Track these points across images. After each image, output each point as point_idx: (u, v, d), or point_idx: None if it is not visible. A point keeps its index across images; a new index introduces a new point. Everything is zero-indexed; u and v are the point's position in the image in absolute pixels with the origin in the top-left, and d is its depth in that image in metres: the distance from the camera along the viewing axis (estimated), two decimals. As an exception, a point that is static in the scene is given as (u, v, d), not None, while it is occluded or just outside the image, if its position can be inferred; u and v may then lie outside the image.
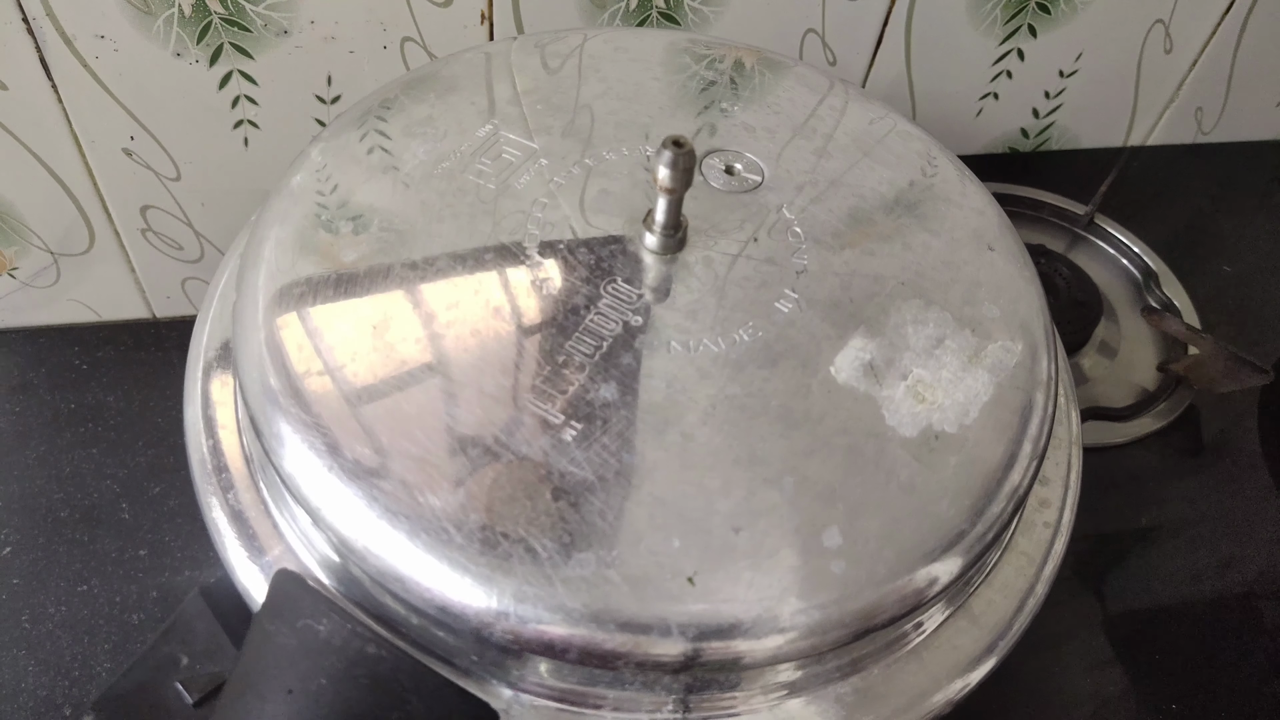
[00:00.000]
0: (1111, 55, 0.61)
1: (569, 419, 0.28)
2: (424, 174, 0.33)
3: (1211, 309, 0.59)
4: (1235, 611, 0.48)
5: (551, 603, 0.25)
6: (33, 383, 0.51)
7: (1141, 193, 0.66)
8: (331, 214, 0.32)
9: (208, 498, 0.32)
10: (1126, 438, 0.53)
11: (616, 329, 0.30)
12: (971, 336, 0.31)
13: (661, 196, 0.31)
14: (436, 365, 0.29)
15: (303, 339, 0.29)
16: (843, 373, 0.30)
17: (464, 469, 0.27)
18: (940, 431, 0.29)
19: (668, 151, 0.29)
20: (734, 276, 0.32)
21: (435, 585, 0.25)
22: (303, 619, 0.26)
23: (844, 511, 0.27)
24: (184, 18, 0.43)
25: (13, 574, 0.45)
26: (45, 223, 0.49)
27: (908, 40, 0.56)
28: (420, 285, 0.30)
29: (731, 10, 0.51)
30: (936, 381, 0.30)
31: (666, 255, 0.32)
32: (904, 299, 0.32)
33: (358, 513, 0.26)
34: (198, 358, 0.35)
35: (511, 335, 0.30)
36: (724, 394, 0.29)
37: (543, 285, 0.31)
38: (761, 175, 0.35)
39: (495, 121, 0.35)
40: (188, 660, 0.32)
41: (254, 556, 0.31)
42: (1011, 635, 0.32)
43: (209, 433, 0.33)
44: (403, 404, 0.28)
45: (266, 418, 0.28)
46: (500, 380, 0.28)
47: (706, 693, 0.28)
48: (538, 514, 0.26)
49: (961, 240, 0.34)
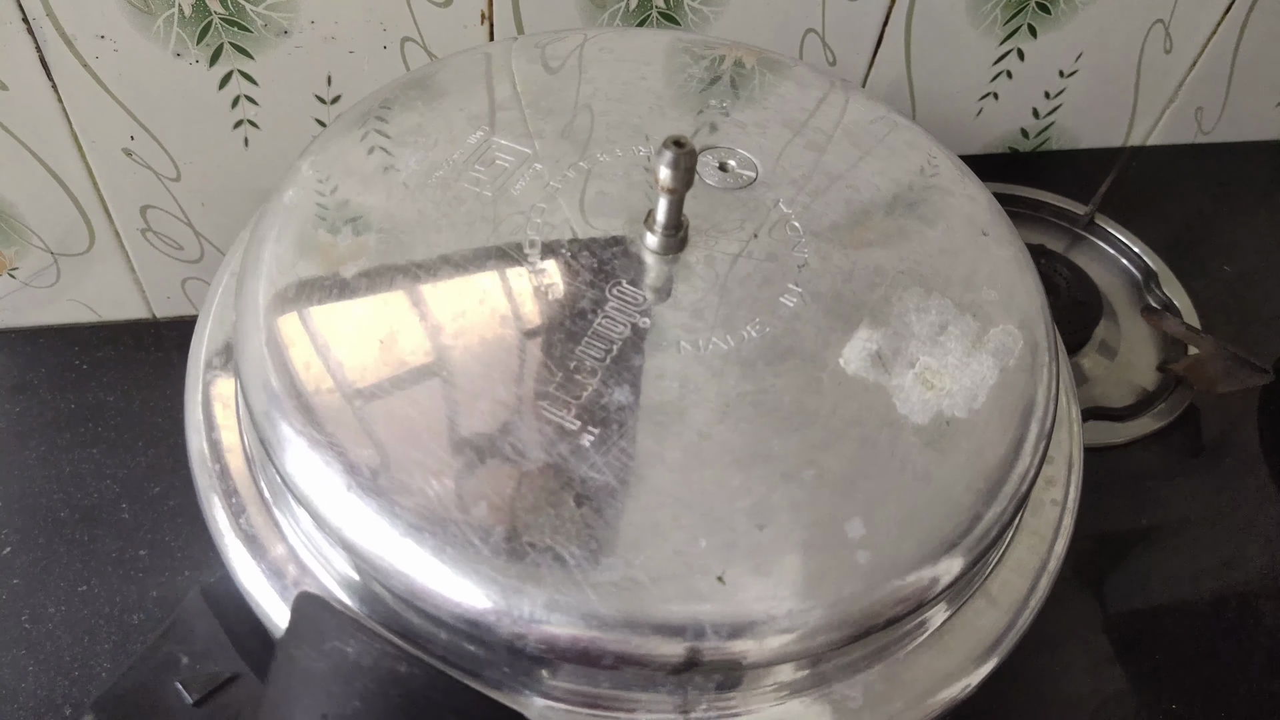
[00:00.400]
0: (1111, 55, 0.61)
1: (585, 424, 0.28)
2: (419, 182, 0.33)
3: (1211, 309, 0.59)
4: (1235, 611, 0.48)
5: (584, 610, 0.25)
6: (33, 383, 0.51)
7: (1141, 193, 0.66)
8: (331, 222, 0.32)
9: (209, 495, 0.32)
10: (1126, 438, 0.53)
11: (625, 331, 0.30)
12: (973, 321, 0.32)
13: (663, 197, 0.31)
14: (448, 375, 0.28)
15: (310, 354, 0.29)
16: (851, 364, 0.30)
17: (484, 480, 0.27)
18: (951, 418, 0.29)
19: (669, 151, 0.29)
20: (737, 274, 0.32)
21: (465, 599, 0.25)
22: (329, 641, 0.25)
23: (864, 502, 0.27)
24: (184, 18, 0.43)
25: (13, 574, 0.45)
26: (45, 223, 0.49)
27: (908, 40, 0.56)
28: (425, 294, 0.30)
29: (731, 10, 0.51)
30: (943, 368, 0.30)
31: (669, 255, 0.32)
32: (905, 288, 0.32)
33: (380, 531, 0.26)
34: (199, 356, 0.35)
35: (521, 342, 0.29)
36: (737, 391, 0.29)
37: (548, 291, 0.31)
38: (756, 171, 0.35)
39: (487, 127, 0.35)
40: (188, 660, 0.32)
41: (256, 556, 0.30)
42: (1029, 613, 0.32)
43: (209, 432, 0.33)
44: (416, 416, 0.28)
45: (271, 425, 0.28)
46: (513, 389, 0.28)
47: (736, 690, 0.28)
48: (563, 521, 0.26)
49: (956, 227, 0.34)
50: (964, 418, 0.29)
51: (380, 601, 0.28)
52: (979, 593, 0.32)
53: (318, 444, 0.27)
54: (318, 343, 0.29)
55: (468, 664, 0.27)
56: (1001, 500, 0.29)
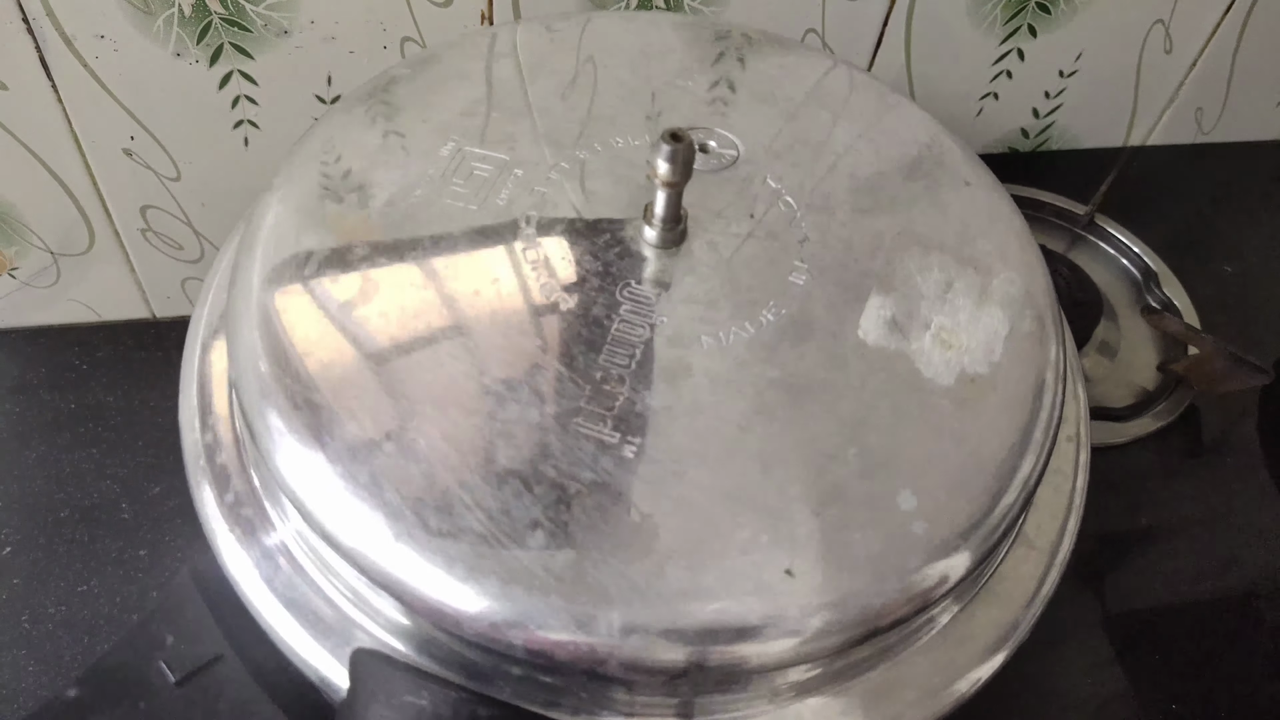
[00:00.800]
0: (1111, 55, 0.61)
1: (625, 435, 0.27)
2: (398, 204, 0.32)
3: (1211, 309, 0.59)
4: (1235, 611, 0.48)
5: (662, 626, 0.25)
6: (33, 383, 0.51)
7: (1141, 193, 0.66)
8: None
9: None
10: (1126, 438, 0.53)
11: (645, 333, 0.30)
12: (975, 275, 0.32)
13: (661, 191, 0.30)
14: (477, 408, 0.27)
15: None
16: (870, 334, 0.30)
17: (534, 507, 0.26)
18: (975, 375, 0.30)
19: (666, 145, 0.28)
20: (742, 258, 0.32)
21: (540, 633, 0.25)
22: (400, 696, 0.25)
23: (910, 473, 0.28)
24: (184, 18, 0.43)
25: (13, 574, 0.45)
26: (45, 223, 0.49)
27: (908, 40, 0.56)
28: (433, 323, 0.29)
29: (731, 10, 0.51)
30: (957, 325, 0.31)
31: (671, 249, 0.32)
32: (904, 249, 0.33)
33: (437, 580, 0.25)
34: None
35: (543, 359, 0.29)
36: (766, 378, 0.29)
37: (558, 302, 0.30)
38: (737, 150, 0.35)
39: (456, 138, 0.34)
40: (173, 640, 0.32)
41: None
42: (1063, 554, 0.33)
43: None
44: (451, 453, 0.27)
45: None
46: (545, 409, 0.28)
47: (831, 670, 0.28)
48: (623, 538, 0.25)
49: (940, 180, 0.35)
50: (986, 372, 0.30)
51: (438, 644, 0.27)
52: (1019, 540, 0.32)
53: (373, 505, 0.26)
54: (339, 403, 0.28)
55: (542, 695, 0.27)
56: (1034, 449, 0.29)
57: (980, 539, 0.27)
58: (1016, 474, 0.29)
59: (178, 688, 0.31)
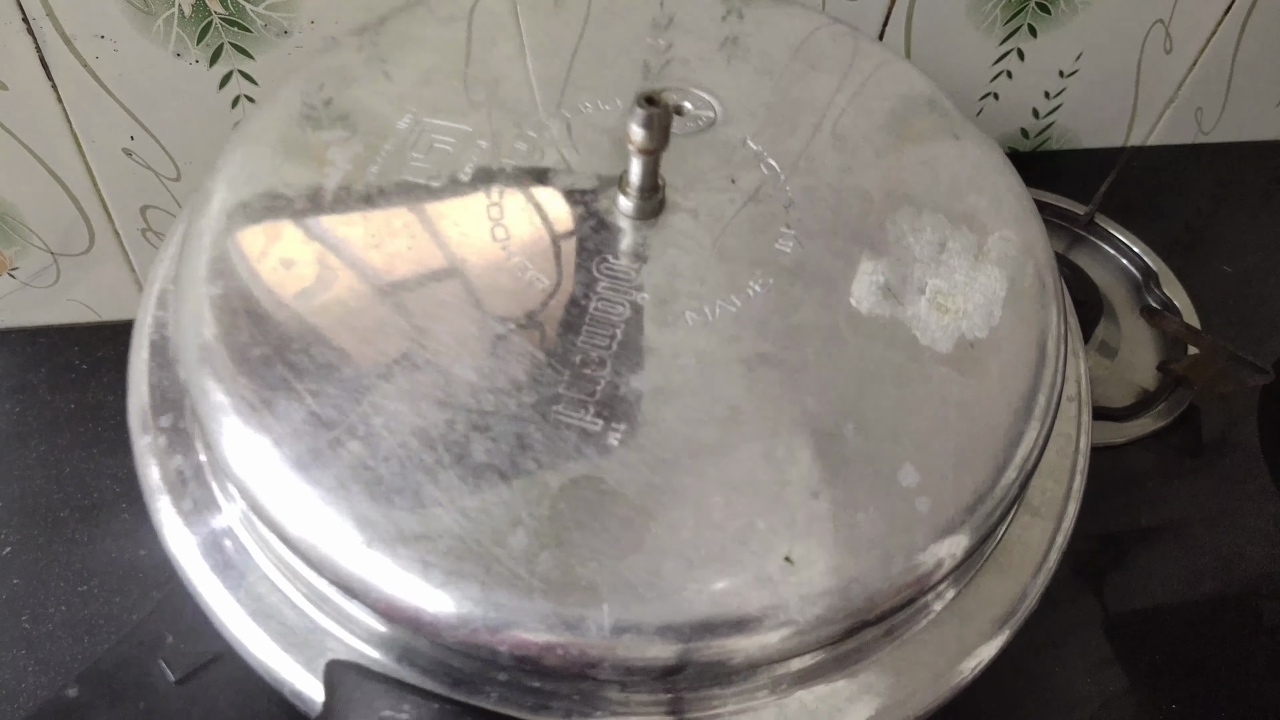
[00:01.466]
0: (1111, 55, 0.61)
1: (608, 422, 0.26)
2: (353, 184, 0.30)
3: (1211, 309, 0.59)
4: (1235, 611, 0.48)
5: (658, 624, 0.23)
6: (33, 383, 0.51)
7: (1141, 193, 0.66)
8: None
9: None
10: (1126, 438, 0.53)
11: (625, 312, 0.28)
12: (969, 233, 0.30)
13: (636, 159, 0.28)
14: (448, 400, 0.26)
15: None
16: (864, 302, 0.29)
17: (516, 505, 0.24)
18: (974, 339, 0.28)
19: (641, 110, 0.26)
20: (725, 226, 0.30)
21: (527, 638, 0.23)
22: (379, 711, 0.24)
23: (911, 447, 0.26)
24: (184, 18, 0.43)
25: (13, 574, 0.45)
26: (45, 223, 0.49)
27: (908, 40, 0.56)
28: (400, 307, 0.27)
29: None
30: (953, 288, 0.29)
31: (649, 220, 0.30)
32: (895, 209, 0.31)
33: (416, 589, 0.23)
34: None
35: (518, 344, 0.27)
36: (756, 354, 0.27)
37: (532, 282, 0.28)
38: (714, 111, 0.33)
39: (413, 110, 0.32)
40: (173, 638, 0.32)
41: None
42: (1068, 520, 0.31)
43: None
44: (423, 449, 0.25)
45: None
46: (522, 397, 0.26)
47: (834, 655, 0.27)
48: (611, 532, 0.24)
49: (927, 134, 0.33)
50: (985, 337, 0.28)
51: (418, 652, 0.26)
52: (1024, 508, 0.31)
53: (343, 512, 0.24)
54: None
55: (530, 701, 0.26)
56: (1038, 415, 0.28)
57: (986, 512, 0.26)
58: (1021, 441, 0.27)
59: (178, 686, 0.32)
